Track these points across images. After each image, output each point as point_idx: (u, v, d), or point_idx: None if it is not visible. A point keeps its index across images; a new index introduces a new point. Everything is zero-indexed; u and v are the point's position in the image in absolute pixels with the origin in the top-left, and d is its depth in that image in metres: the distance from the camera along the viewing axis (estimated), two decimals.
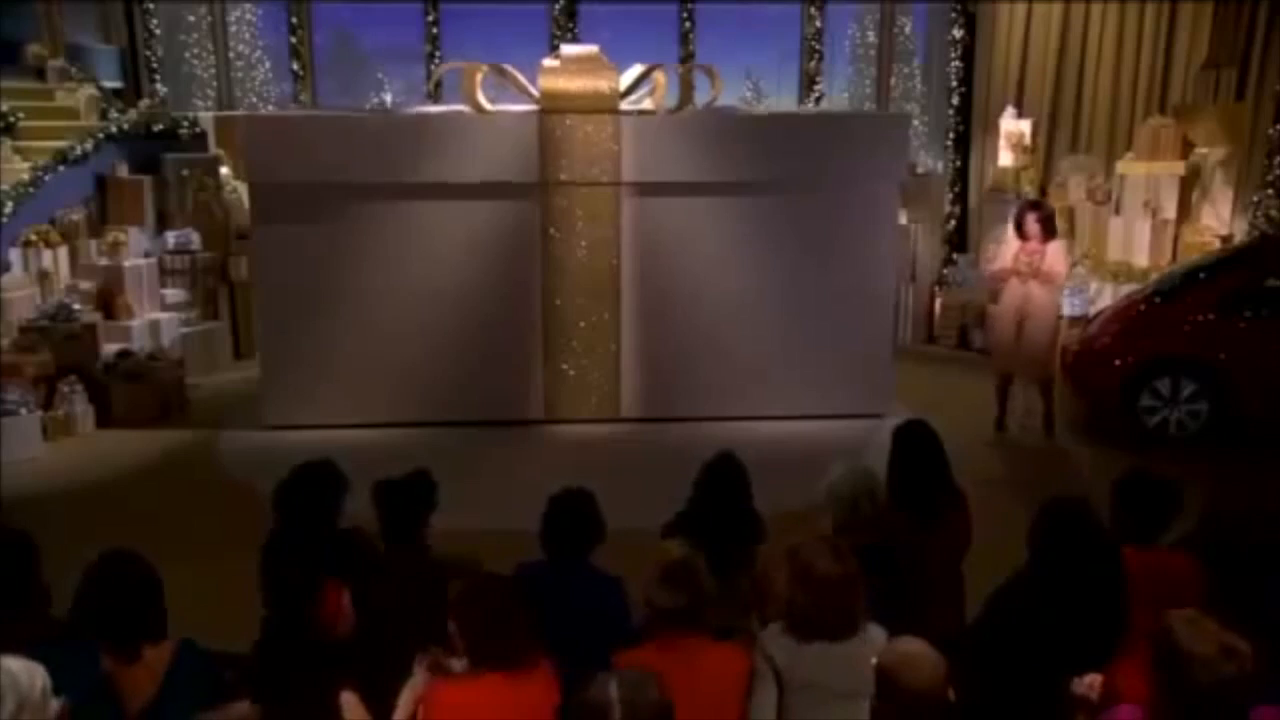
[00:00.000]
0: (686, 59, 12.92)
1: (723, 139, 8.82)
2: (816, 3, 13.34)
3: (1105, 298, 10.51)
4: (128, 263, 10.36)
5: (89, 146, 10.93)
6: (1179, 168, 11.55)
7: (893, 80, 13.49)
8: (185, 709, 2.79)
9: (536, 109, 8.72)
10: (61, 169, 10.63)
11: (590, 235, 8.80)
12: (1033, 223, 8.51)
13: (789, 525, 4.09)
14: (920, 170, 12.93)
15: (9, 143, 10.81)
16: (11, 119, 10.93)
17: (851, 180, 8.86)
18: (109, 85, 12.25)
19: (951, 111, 13.21)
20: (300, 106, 12.83)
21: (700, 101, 9.66)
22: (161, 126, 11.80)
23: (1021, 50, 12.98)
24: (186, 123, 12.07)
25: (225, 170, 11.88)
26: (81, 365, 9.15)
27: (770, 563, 3.53)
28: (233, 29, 13.27)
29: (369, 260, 8.72)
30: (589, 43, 9.49)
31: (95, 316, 9.77)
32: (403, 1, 13.32)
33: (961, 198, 13.32)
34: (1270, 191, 11.24)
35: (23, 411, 8.45)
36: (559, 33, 12.96)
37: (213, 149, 12.08)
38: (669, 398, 8.98)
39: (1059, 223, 9.19)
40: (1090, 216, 11.94)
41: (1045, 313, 8.52)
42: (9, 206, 9.91)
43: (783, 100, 13.75)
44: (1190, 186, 11.58)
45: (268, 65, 13.41)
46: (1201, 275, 9.16)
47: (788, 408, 8.88)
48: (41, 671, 2.71)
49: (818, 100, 13.40)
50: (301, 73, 13.31)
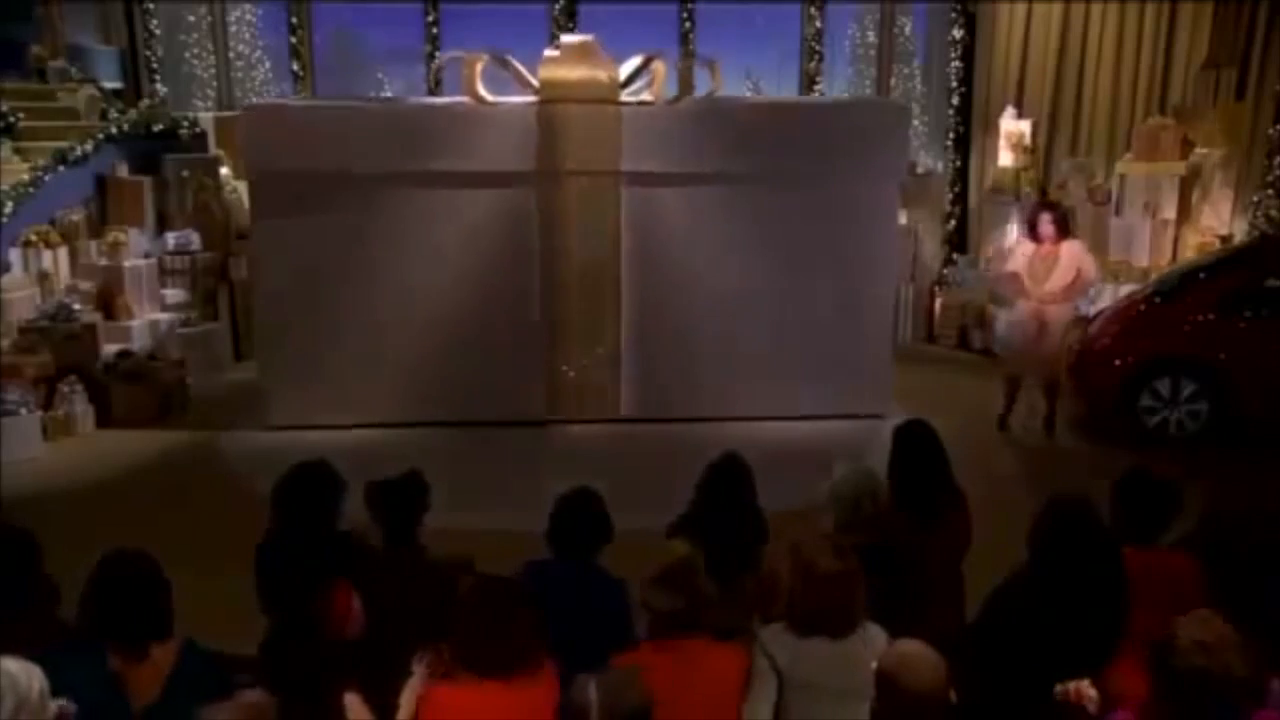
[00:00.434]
0: (686, 59, 12.91)
1: (722, 128, 8.80)
2: (816, 3, 13.33)
3: (1105, 298, 10.50)
4: (128, 263, 10.36)
5: (89, 147, 10.92)
6: (1179, 168, 11.54)
7: (893, 81, 13.48)
8: (190, 708, 2.79)
9: (536, 99, 8.73)
10: (61, 169, 10.62)
11: (590, 227, 8.79)
12: (1047, 224, 8.54)
13: (790, 525, 4.09)
14: (920, 170, 12.93)
15: (9, 143, 10.81)
16: (12, 119, 10.93)
17: (853, 168, 8.81)
18: (109, 86, 12.24)
19: (951, 112, 13.20)
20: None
21: (700, 94, 9.65)
22: (161, 127, 11.79)
23: (1021, 51, 12.97)
24: (186, 123, 12.06)
25: (225, 170, 11.87)
26: (81, 366, 9.16)
27: (775, 563, 3.53)
28: (233, 29, 13.25)
29: (368, 258, 8.71)
30: None
31: (95, 317, 9.77)
32: (403, 1, 13.32)
33: (961, 198, 13.31)
34: (1270, 192, 11.23)
35: (23, 412, 8.45)
36: (559, 33, 12.93)
37: (213, 149, 12.07)
38: (669, 398, 8.98)
39: None
40: (1090, 217, 11.94)
41: (1061, 315, 8.56)
42: (9, 207, 9.90)
43: None
44: (1190, 187, 11.57)
45: (268, 65, 13.38)
46: (1201, 275, 9.17)
47: (787, 408, 8.88)
48: (38, 672, 2.71)
49: None
50: (301, 73, 13.30)
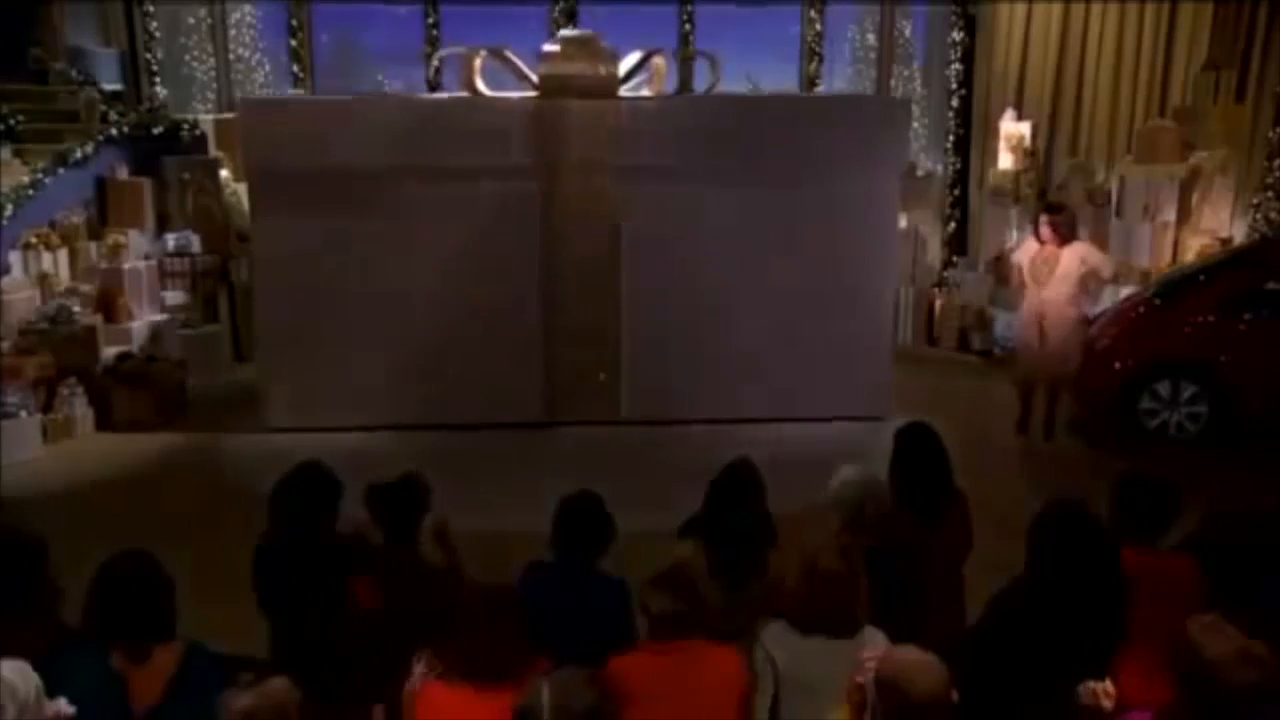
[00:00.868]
0: (686, 51, 12.89)
1: (722, 122, 8.79)
2: (816, 5, 13.35)
3: (1105, 300, 10.50)
4: (127, 265, 10.37)
5: (89, 149, 10.93)
6: (1179, 170, 11.54)
7: (893, 82, 13.49)
8: (192, 710, 2.79)
9: (535, 94, 8.73)
10: (62, 171, 10.63)
11: (589, 223, 8.80)
12: (1044, 225, 8.56)
13: (791, 527, 4.08)
14: (920, 172, 12.94)
15: (9, 145, 10.81)
16: (12, 122, 10.93)
17: (853, 163, 8.80)
18: (109, 88, 12.25)
19: (951, 114, 13.22)
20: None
21: (699, 89, 9.66)
22: (162, 129, 11.80)
23: (1021, 53, 12.98)
24: (187, 125, 12.07)
25: (225, 173, 11.87)
26: (81, 368, 9.16)
27: (783, 567, 3.53)
28: (233, 31, 13.26)
29: (367, 256, 8.71)
30: None
31: (95, 319, 9.77)
32: (403, 2, 13.33)
33: (961, 200, 13.32)
34: (1270, 194, 11.25)
35: (23, 414, 8.46)
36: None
37: (213, 151, 12.08)
38: (669, 399, 8.96)
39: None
40: (1090, 219, 11.93)
41: (1062, 317, 8.52)
42: (9, 209, 9.90)
43: None
44: (1190, 189, 11.56)
45: (268, 68, 13.39)
46: (1201, 277, 9.17)
47: (788, 409, 8.87)
48: (33, 674, 2.72)
49: None
50: (302, 75, 13.30)
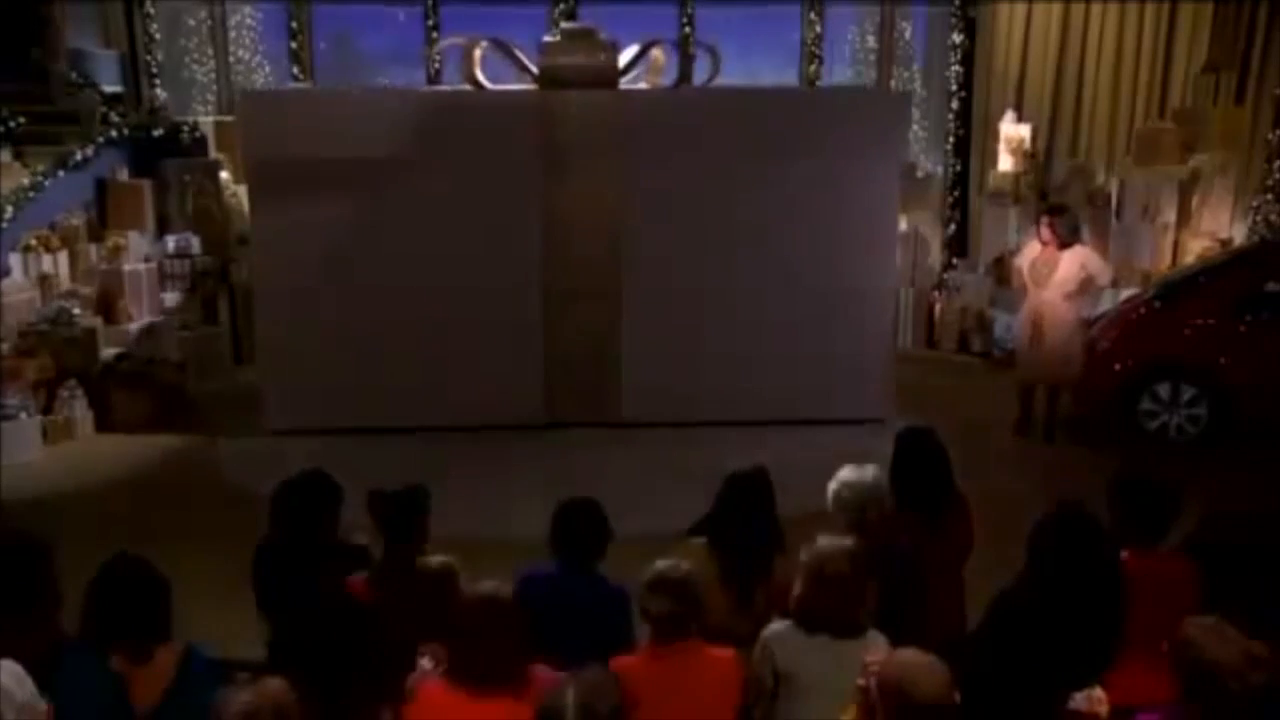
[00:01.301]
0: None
1: (721, 114, 8.78)
2: (816, 6, 13.36)
3: (1105, 302, 10.50)
4: (128, 267, 10.37)
5: (89, 151, 10.93)
6: (1179, 172, 11.55)
7: (893, 84, 13.49)
8: (191, 711, 2.80)
9: (535, 86, 8.74)
10: (62, 174, 10.63)
11: (590, 217, 8.79)
12: (1044, 226, 8.58)
13: (794, 530, 4.08)
14: (920, 174, 12.94)
15: (9, 147, 10.81)
16: (12, 124, 10.93)
17: (853, 156, 8.77)
18: (109, 90, 12.25)
19: (951, 116, 13.22)
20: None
21: (699, 80, 9.65)
22: (162, 131, 11.80)
23: (1021, 55, 12.99)
24: (187, 127, 12.06)
25: (225, 175, 11.87)
26: (81, 369, 9.15)
27: (789, 572, 3.54)
28: (233, 34, 13.26)
29: (366, 258, 8.70)
30: None
31: (95, 321, 9.77)
32: (403, 3, 13.33)
33: (961, 202, 13.33)
34: (1270, 196, 11.23)
35: (22, 415, 8.46)
36: None
37: (213, 153, 12.08)
38: (670, 401, 8.95)
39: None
40: (1090, 221, 11.94)
41: (1060, 319, 8.52)
42: (9, 211, 9.90)
43: None
44: (1190, 191, 11.57)
45: (268, 69, 13.40)
46: (1201, 279, 9.17)
47: (788, 411, 8.86)
48: (28, 678, 2.73)
49: None
50: (302, 77, 13.30)
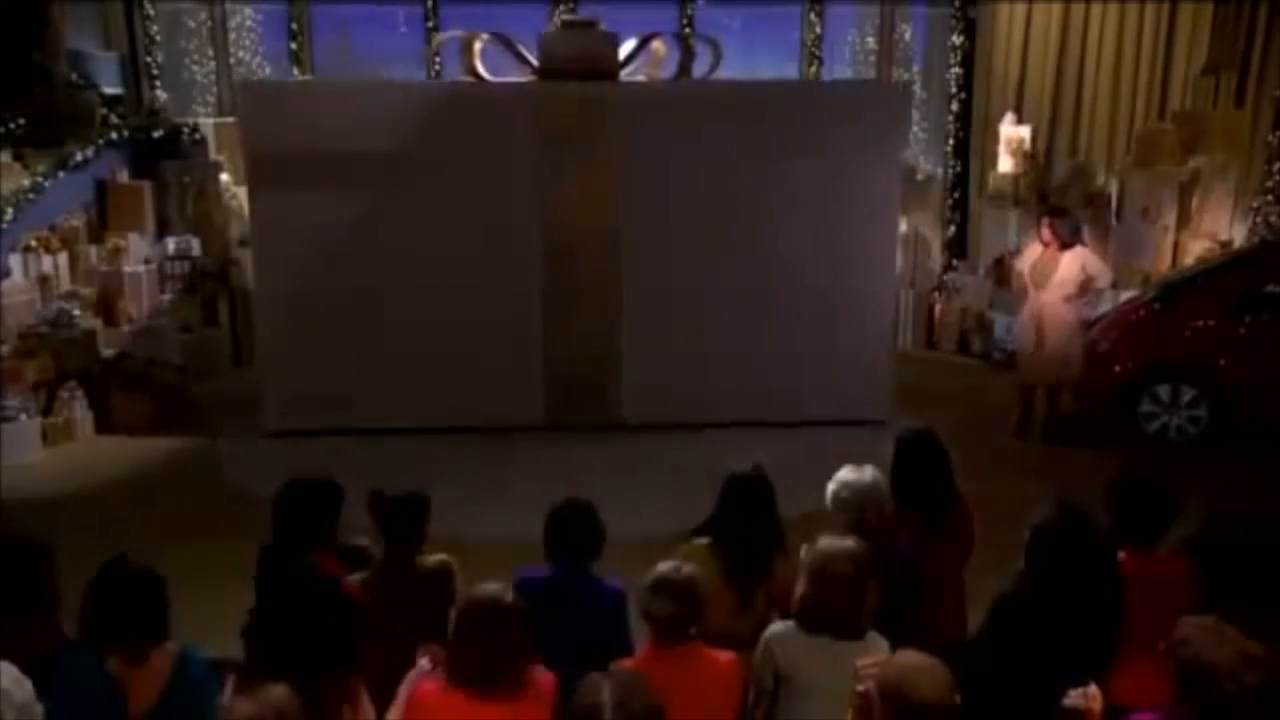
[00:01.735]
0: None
1: (722, 106, 8.77)
2: (816, 7, 13.36)
3: (1106, 303, 10.50)
4: (128, 268, 10.38)
5: (89, 152, 10.93)
6: (1179, 173, 11.55)
7: None
8: (188, 712, 2.80)
9: (535, 78, 8.75)
10: (62, 175, 10.62)
11: (590, 214, 8.80)
12: (1044, 227, 8.60)
13: (791, 530, 4.08)
14: (920, 176, 12.94)
15: (9, 149, 10.81)
16: (12, 125, 10.93)
17: (853, 148, 8.76)
18: (109, 91, 12.25)
19: (951, 117, 13.22)
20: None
21: (699, 74, 9.66)
22: (162, 132, 11.80)
23: (1021, 56, 12.99)
24: (187, 129, 12.06)
25: (225, 176, 11.88)
26: (81, 371, 9.15)
27: (793, 573, 3.54)
28: (233, 35, 13.28)
29: (366, 259, 8.70)
30: None
31: (95, 322, 9.77)
32: (403, 2, 13.34)
33: (961, 204, 13.33)
34: (1270, 197, 11.22)
35: (22, 417, 8.47)
36: None
37: (213, 155, 12.09)
38: (671, 402, 8.95)
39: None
40: (1090, 222, 11.94)
41: (1060, 320, 8.53)
42: (9, 212, 9.90)
43: None
44: (1190, 192, 11.57)
45: (268, 71, 13.40)
46: (1201, 281, 9.17)
47: (789, 412, 8.86)
48: (27, 680, 2.73)
49: None
50: (303, 78, 13.31)
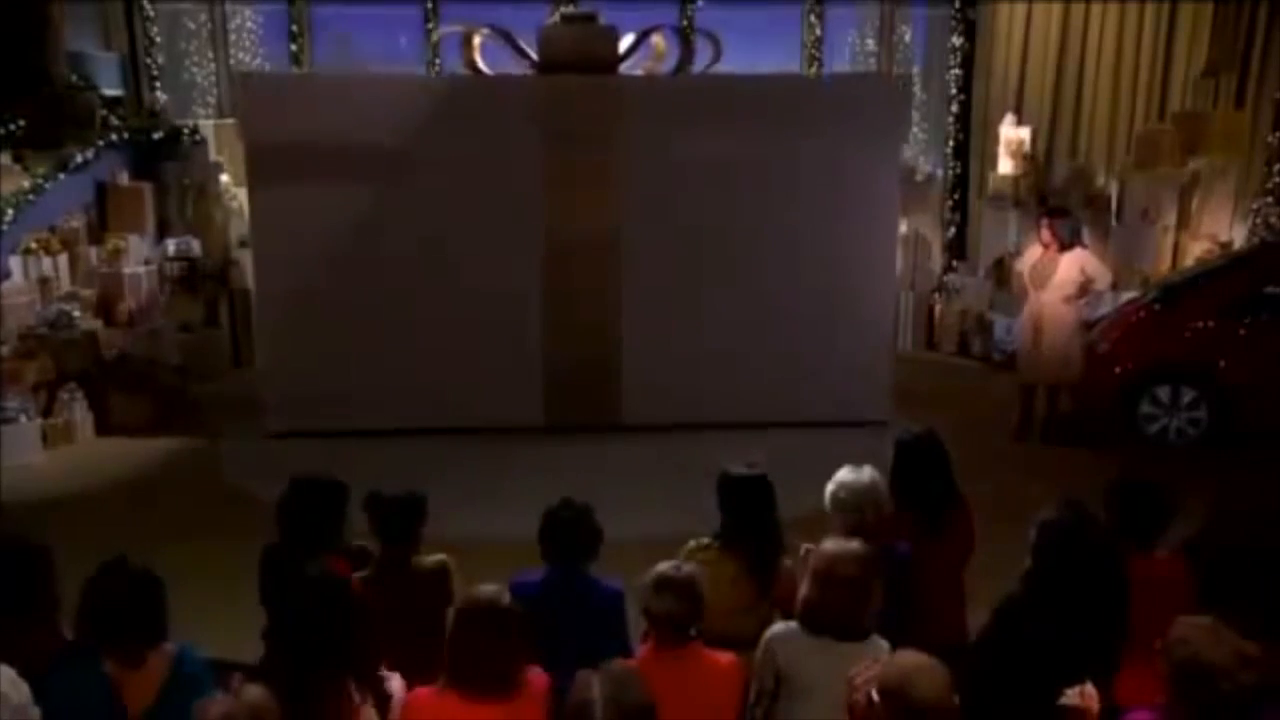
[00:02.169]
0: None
1: (721, 100, 8.76)
2: (816, 10, 13.37)
3: (1106, 305, 10.51)
4: (128, 270, 10.37)
5: (89, 154, 10.93)
6: (1179, 175, 11.55)
7: None
8: (185, 713, 2.80)
9: (535, 72, 8.78)
10: (62, 176, 10.62)
11: (589, 208, 8.80)
12: (1044, 228, 8.60)
13: (791, 531, 4.08)
14: (920, 177, 12.95)
15: (9, 150, 10.81)
16: (12, 126, 10.94)
17: (853, 141, 8.75)
18: (110, 93, 12.25)
19: (951, 118, 13.23)
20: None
21: (699, 68, 9.66)
22: (162, 134, 11.80)
23: (1021, 57, 13.00)
24: (187, 130, 12.07)
25: (225, 178, 11.88)
26: (81, 372, 9.15)
27: (794, 574, 3.54)
28: (233, 36, 13.29)
29: (365, 256, 8.71)
30: None
31: (95, 323, 9.77)
32: (403, 2, 13.37)
33: (961, 205, 13.33)
34: (1270, 199, 11.23)
35: (22, 418, 8.46)
36: None
37: (213, 156, 12.09)
38: (670, 403, 8.94)
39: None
40: (1090, 223, 11.94)
41: (1060, 321, 8.53)
42: (9, 214, 9.90)
43: None
44: (1190, 193, 11.58)
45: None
46: (1201, 282, 9.17)
47: (789, 413, 8.86)
48: (23, 682, 2.73)
49: None
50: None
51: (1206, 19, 11.93)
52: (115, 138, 11.35)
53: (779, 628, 3.42)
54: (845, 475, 4.03)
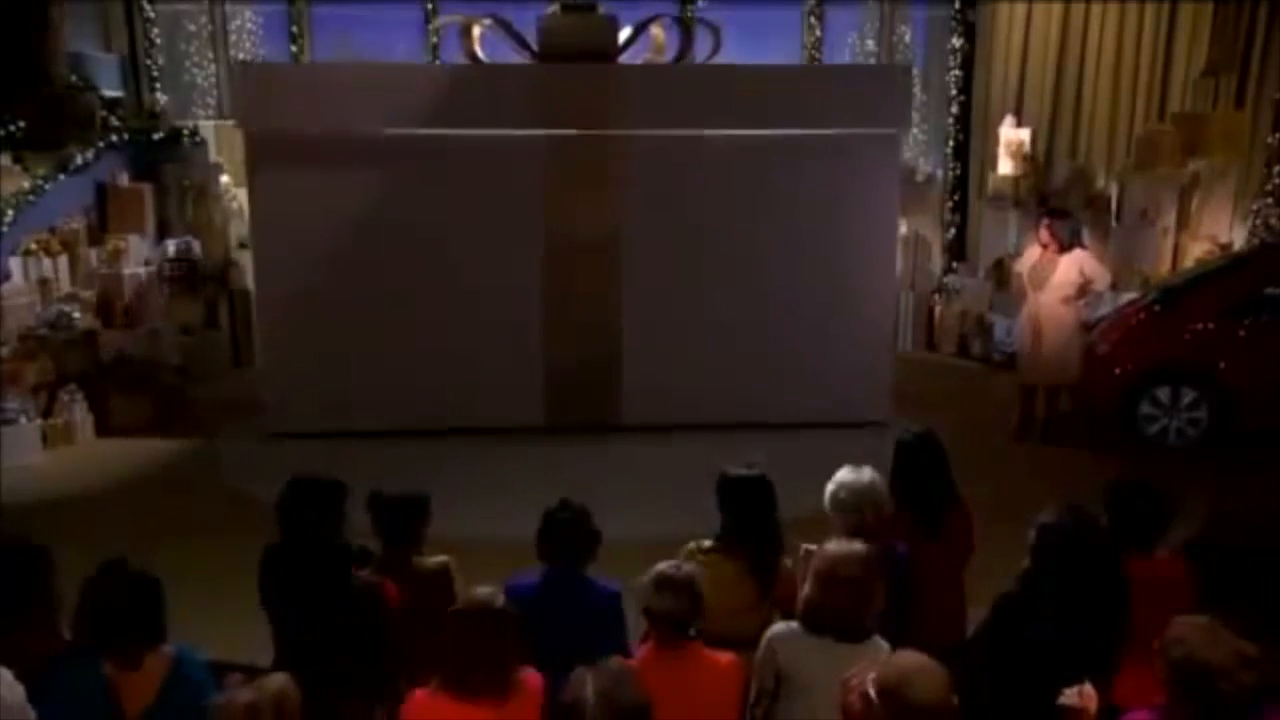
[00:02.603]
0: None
1: (722, 90, 8.74)
2: (816, 10, 13.38)
3: (1106, 306, 10.51)
4: (127, 270, 10.37)
5: (89, 155, 10.94)
6: (1179, 176, 11.56)
7: None
8: (183, 714, 2.79)
9: (535, 62, 8.79)
10: (62, 177, 10.63)
11: (588, 207, 8.80)
12: (1043, 229, 8.61)
13: (791, 531, 4.08)
14: (920, 178, 12.95)
15: (9, 151, 10.82)
16: (12, 128, 10.94)
17: (854, 128, 8.74)
18: (110, 94, 12.26)
19: (951, 120, 13.24)
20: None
21: (700, 59, 9.66)
22: (162, 135, 11.81)
23: (1021, 58, 13.01)
24: (187, 131, 12.08)
25: (225, 178, 11.88)
26: (81, 373, 9.15)
27: (794, 574, 3.54)
28: (233, 37, 13.32)
29: (365, 259, 8.71)
30: None
31: (95, 324, 9.77)
32: (403, 1, 13.37)
33: (961, 206, 13.34)
34: (1270, 200, 11.23)
35: (22, 419, 8.47)
36: None
37: (213, 157, 12.10)
38: (671, 404, 8.95)
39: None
40: (1090, 224, 11.95)
41: (1059, 322, 8.53)
42: (10, 215, 9.91)
43: None
44: (1190, 194, 11.58)
45: None
46: (1201, 283, 9.17)
47: (789, 414, 8.86)
48: (18, 685, 2.72)
49: None
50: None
51: (1206, 19, 11.94)
52: (115, 139, 11.36)
53: (780, 627, 3.42)
54: (845, 475, 4.03)
